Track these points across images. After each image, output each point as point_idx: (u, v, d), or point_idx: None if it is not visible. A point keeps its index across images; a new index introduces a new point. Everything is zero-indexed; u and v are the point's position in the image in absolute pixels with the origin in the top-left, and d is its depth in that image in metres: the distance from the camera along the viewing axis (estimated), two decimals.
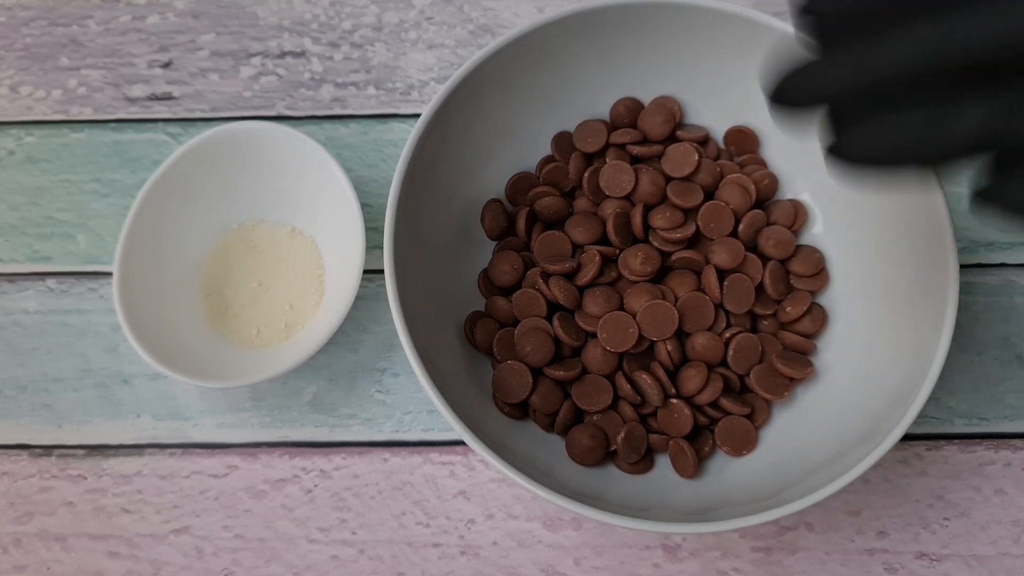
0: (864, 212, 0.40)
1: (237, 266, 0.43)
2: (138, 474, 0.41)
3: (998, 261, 0.44)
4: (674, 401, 0.38)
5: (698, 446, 0.38)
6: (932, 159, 0.23)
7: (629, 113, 0.42)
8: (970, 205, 0.24)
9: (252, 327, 0.42)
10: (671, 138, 0.42)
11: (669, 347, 0.38)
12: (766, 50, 0.39)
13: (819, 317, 0.40)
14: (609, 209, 0.40)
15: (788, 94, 0.24)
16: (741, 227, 0.40)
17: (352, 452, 0.41)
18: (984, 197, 0.24)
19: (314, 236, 0.43)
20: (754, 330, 0.40)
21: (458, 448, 0.41)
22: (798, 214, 0.41)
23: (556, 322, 0.38)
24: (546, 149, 0.43)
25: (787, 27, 0.38)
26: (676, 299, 0.39)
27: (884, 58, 0.22)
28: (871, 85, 0.23)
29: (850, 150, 0.24)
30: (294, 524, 0.40)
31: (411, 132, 0.37)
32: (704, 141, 0.42)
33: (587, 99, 0.43)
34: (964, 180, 0.45)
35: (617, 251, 0.40)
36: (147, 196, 0.41)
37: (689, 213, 0.40)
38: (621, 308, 0.39)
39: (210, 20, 0.50)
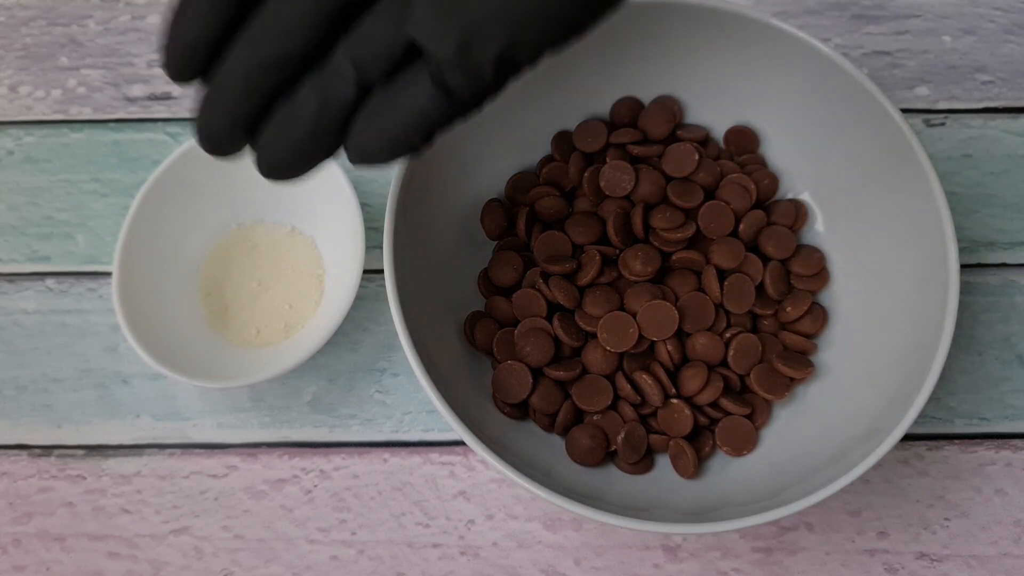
0: (864, 212, 0.40)
1: (237, 266, 0.43)
2: (137, 474, 0.41)
3: (998, 261, 0.44)
4: (674, 401, 0.38)
5: (698, 446, 0.38)
6: (315, 133, 0.25)
7: (629, 113, 0.42)
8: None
9: (252, 327, 0.42)
10: (671, 138, 0.42)
11: (669, 347, 0.38)
12: (766, 50, 0.39)
13: (819, 317, 0.40)
14: (609, 209, 0.40)
15: (200, 134, 0.26)
16: (741, 227, 0.40)
17: (352, 452, 0.41)
18: (345, 147, 0.26)
19: (314, 236, 0.43)
20: (754, 330, 0.40)
21: (458, 448, 0.41)
22: (798, 214, 0.41)
23: (556, 322, 0.38)
24: (546, 149, 0.43)
25: (786, 27, 0.38)
26: (676, 299, 0.39)
27: (228, 71, 0.25)
28: (238, 98, 0.25)
29: (267, 158, 0.26)
30: (294, 524, 0.40)
31: None
32: (704, 141, 0.42)
33: (587, 99, 0.43)
34: (958, 178, 0.45)
35: (617, 251, 0.40)
36: (147, 196, 0.41)
37: (689, 213, 0.40)
38: (621, 308, 0.39)
39: None
